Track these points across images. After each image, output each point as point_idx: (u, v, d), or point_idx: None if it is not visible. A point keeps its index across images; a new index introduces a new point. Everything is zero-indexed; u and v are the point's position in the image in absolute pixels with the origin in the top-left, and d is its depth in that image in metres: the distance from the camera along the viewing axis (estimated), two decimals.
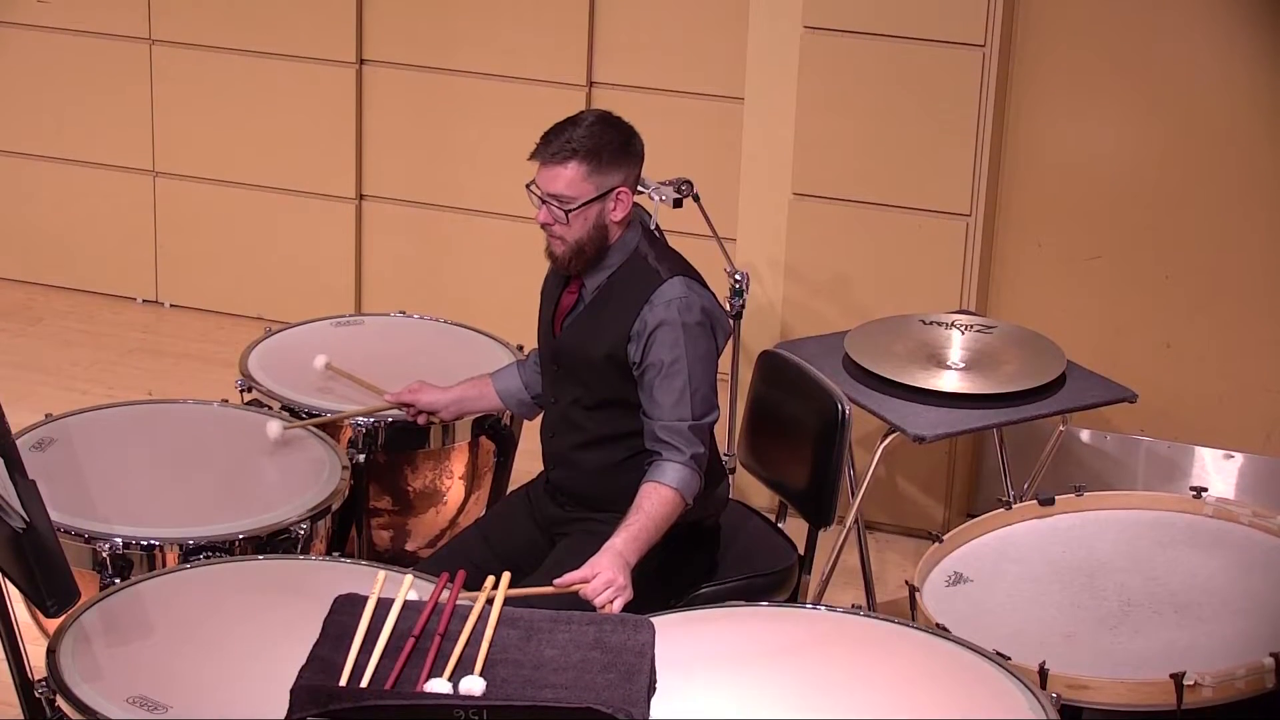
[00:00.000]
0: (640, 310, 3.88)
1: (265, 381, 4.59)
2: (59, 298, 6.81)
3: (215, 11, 6.42)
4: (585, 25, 6.05)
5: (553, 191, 3.85)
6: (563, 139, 3.85)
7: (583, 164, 3.84)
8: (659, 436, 3.86)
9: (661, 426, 3.86)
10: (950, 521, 5.31)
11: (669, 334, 3.86)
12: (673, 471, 3.83)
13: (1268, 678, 3.57)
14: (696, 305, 3.89)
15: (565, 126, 3.87)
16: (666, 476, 3.83)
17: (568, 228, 3.87)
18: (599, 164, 3.84)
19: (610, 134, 3.88)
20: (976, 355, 4.83)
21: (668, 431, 3.86)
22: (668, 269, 3.92)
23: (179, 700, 3.27)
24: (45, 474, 3.80)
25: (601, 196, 3.87)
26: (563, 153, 3.84)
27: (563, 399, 4.03)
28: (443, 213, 6.38)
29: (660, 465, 3.85)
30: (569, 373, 4.00)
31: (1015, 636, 3.73)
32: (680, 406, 3.86)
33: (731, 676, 3.40)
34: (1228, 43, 5.14)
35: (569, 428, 4.03)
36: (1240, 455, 5.37)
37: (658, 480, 3.82)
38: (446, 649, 3.25)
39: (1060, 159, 5.33)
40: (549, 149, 3.86)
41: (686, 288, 3.89)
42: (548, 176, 3.86)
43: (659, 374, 3.86)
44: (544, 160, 3.87)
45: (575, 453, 4.03)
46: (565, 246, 3.90)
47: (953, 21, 5.14)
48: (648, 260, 3.93)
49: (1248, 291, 5.27)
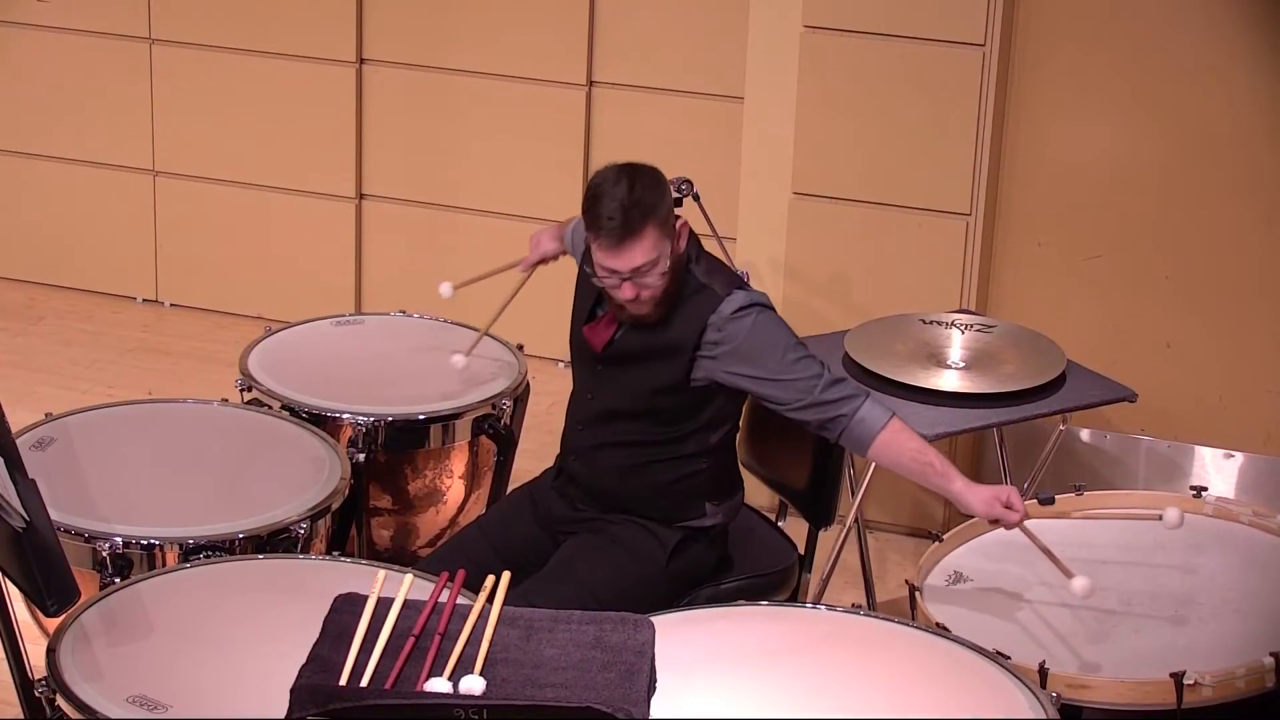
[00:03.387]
0: (703, 329, 3.84)
1: (265, 381, 4.59)
2: (59, 297, 6.81)
3: (215, 11, 6.42)
4: (585, 25, 6.05)
5: (638, 264, 3.76)
6: (624, 213, 3.73)
7: (653, 222, 3.75)
8: (823, 405, 3.83)
9: (817, 396, 3.82)
10: (950, 521, 5.31)
11: (761, 330, 3.85)
12: (873, 411, 3.82)
13: (1268, 677, 3.57)
14: (763, 302, 3.89)
15: (611, 199, 3.73)
16: (878, 415, 3.82)
17: (656, 287, 3.81)
18: (663, 219, 3.77)
19: (648, 180, 3.78)
20: (976, 355, 4.83)
21: (824, 392, 3.82)
22: (722, 285, 3.89)
23: (179, 700, 3.27)
24: (45, 473, 3.80)
25: (674, 238, 3.83)
26: (635, 224, 3.73)
27: (600, 399, 4.01)
28: (443, 213, 6.38)
29: (862, 416, 3.81)
30: (612, 377, 3.98)
31: (1015, 636, 3.73)
32: (813, 365, 3.84)
33: (731, 676, 3.40)
34: (1228, 43, 5.14)
35: (600, 424, 4.01)
36: (1240, 455, 5.37)
37: (883, 424, 3.81)
38: (446, 648, 3.25)
39: (1060, 159, 5.33)
40: (621, 227, 3.72)
41: (747, 297, 3.88)
42: (629, 255, 3.74)
43: (779, 358, 3.83)
44: (620, 242, 3.73)
45: (599, 450, 4.02)
46: (655, 303, 3.84)
47: (953, 21, 5.14)
48: (698, 279, 3.89)
49: (1248, 291, 5.27)
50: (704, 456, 3.98)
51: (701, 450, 3.97)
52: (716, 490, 4.02)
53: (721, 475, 4.04)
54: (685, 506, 4.00)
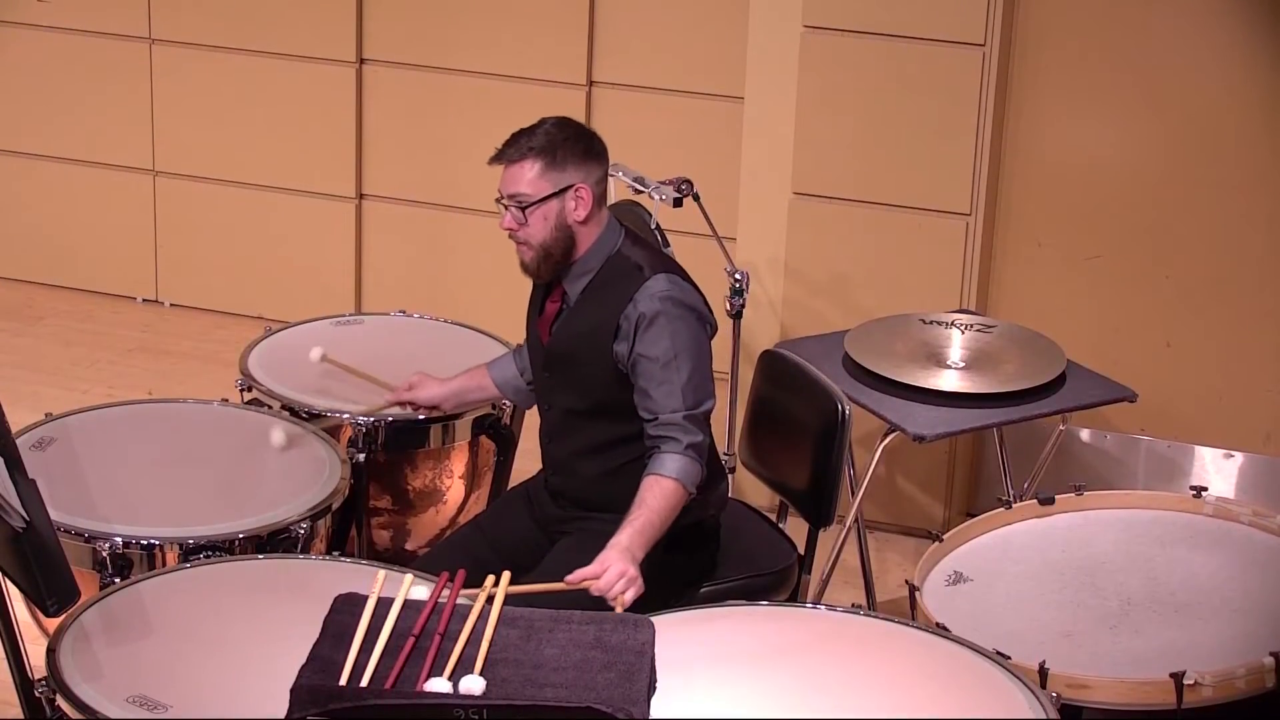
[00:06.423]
0: (624, 308, 3.88)
1: (265, 381, 4.59)
2: (59, 297, 6.81)
3: (215, 11, 6.42)
4: (585, 25, 6.05)
5: (512, 192, 3.89)
6: (520, 142, 3.90)
7: (538, 161, 3.87)
8: (656, 429, 3.87)
9: (657, 420, 3.86)
10: (950, 521, 5.31)
11: (657, 327, 3.86)
12: (672, 462, 3.83)
13: (1268, 677, 3.57)
14: (682, 298, 3.89)
15: (524, 132, 3.92)
16: (666, 468, 3.83)
17: (529, 229, 3.89)
18: (554, 160, 3.87)
19: (566, 133, 3.91)
20: (976, 355, 4.83)
21: (663, 425, 3.86)
22: (650, 266, 3.92)
23: (179, 700, 3.27)
24: (45, 473, 3.81)
25: (560, 194, 3.88)
26: (518, 152, 3.88)
27: (557, 406, 4.04)
28: (443, 213, 6.38)
29: (659, 458, 3.85)
30: (561, 379, 4.01)
31: (1015, 636, 3.73)
32: (673, 398, 3.86)
33: (731, 676, 3.40)
34: (1228, 42, 5.14)
35: (566, 434, 4.04)
36: (1240, 455, 5.37)
37: (658, 473, 3.82)
38: (446, 648, 3.25)
39: (1060, 159, 5.33)
40: (507, 151, 3.90)
41: (670, 282, 3.90)
42: (508, 178, 3.90)
43: (651, 366, 3.86)
44: (504, 163, 3.91)
45: (573, 460, 4.03)
46: (532, 252, 3.92)
47: (953, 21, 5.14)
48: (630, 260, 3.94)
49: (1248, 291, 5.27)
50: None
51: None
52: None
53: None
54: None
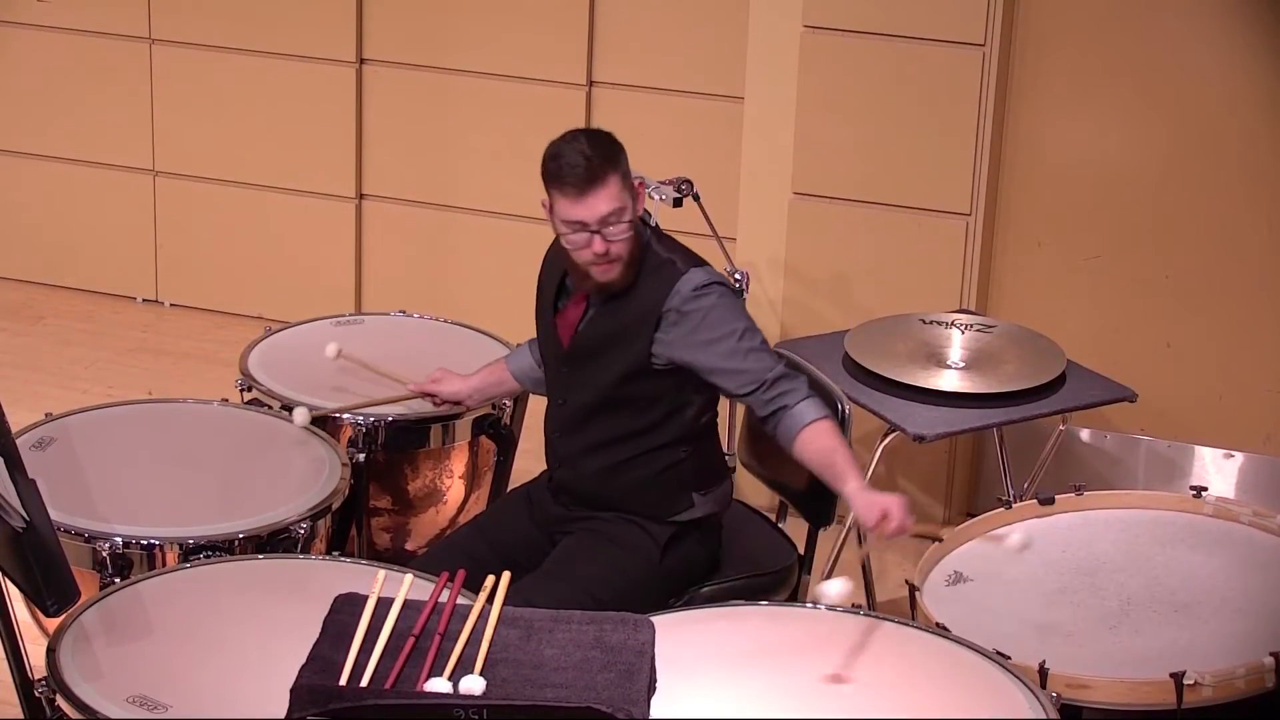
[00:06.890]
0: (664, 300, 3.85)
1: (265, 381, 4.59)
2: (59, 297, 6.81)
3: (215, 11, 6.42)
4: (585, 25, 6.05)
5: (606, 212, 3.77)
6: (586, 160, 3.75)
7: (614, 173, 3.77)
8: (768, 393, 3.85)
9: (765, 384, 3.85)
10: (950, 521, 5.31)
11: (718, 312, 3.85)
12: (810, 409, 3.84)
13: (1268, 677, 3.57)
14: (723, 282, 3.90)
15: (572, 150, 3.77)
16: (811, 413, 3.83)
17: (622, 244, 3.81)
18: (618, 166, 3.79)
19: (600, 139, 3.83)
20: (976, 355, 4.83)
21: (772, 385, 3.85)
22: (683, 261, 3.91)
23: (179, 700, 3.27)
24: (45, 473, 3.80)
25: (635, 197, 3.85)
26: (599, 170, 3.75)
27: (572, 400, 4.03)
28: (443, 213, 6.38)
29: (797, 410, 3.84)
30: (581, 375, 3.99)
31: (1015, 636, 3.73)
32: (764, 359, 3.86)
33: (731, 676, 3.40)
34: (1228, 43, 5.14)
35: (576, 428, 4.03)
36: (1240, 455, 5.37)
37: (811, 420, 3.82)
38: (446, 648, 3.25)
39: (1060, 159, 5.33)
40: (585, 173, 3.74)
41: (707, 274, 3.89)
42: (594, 203, 3.76)
43: (729, 342, 3.84)
44: (585, 188, 3.75)
45: (582, 455, 4.02)
46: (620, 265, 3.84)
47: (953, 21, 5.14)
48: (659, 255, 3.92)
49: (1248, 291, 5.27)
50: (683, 445, 3.98)
51: (680, 438, 3.97)
52: (701, 479, 4.02)
53: (704, 463, 4.04)
54: (672, 499, 3.99)
